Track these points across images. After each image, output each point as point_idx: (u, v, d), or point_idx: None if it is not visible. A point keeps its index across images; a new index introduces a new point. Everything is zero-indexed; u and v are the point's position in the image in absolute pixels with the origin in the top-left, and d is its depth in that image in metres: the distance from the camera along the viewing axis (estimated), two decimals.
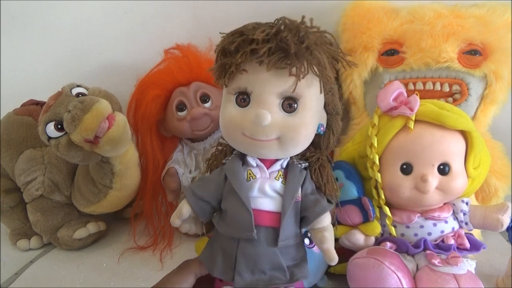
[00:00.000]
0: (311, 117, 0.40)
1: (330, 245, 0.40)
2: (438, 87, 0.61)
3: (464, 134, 0.48)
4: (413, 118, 0.47)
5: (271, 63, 0.36)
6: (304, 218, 0.42)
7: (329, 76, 0.39)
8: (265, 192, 0.40)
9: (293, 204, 0.40)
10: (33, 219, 0.68)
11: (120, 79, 0.76)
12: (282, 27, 0.36)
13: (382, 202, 0.50)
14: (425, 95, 0.61)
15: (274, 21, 0.37)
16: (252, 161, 0.42)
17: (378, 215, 0.51)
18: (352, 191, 0.52)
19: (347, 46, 0.67)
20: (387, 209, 0.50)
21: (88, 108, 0.52)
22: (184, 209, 0.42)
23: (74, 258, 0.66)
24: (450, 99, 0.61)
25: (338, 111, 0.45)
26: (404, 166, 0.48)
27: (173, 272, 0.43)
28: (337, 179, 0.54)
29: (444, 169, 0.47)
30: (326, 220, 0.42)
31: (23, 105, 0.74)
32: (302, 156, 0.44)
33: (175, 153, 0.72)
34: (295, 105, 0.38)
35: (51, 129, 0.56)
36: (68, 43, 0.85)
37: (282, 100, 0.38)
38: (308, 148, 0.43)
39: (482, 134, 0.52)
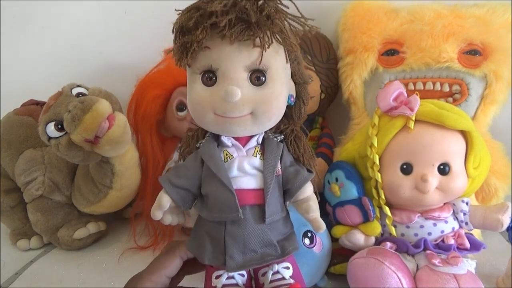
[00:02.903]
0: (280, 88, 0.39)
1: (316, 213, 0.40)
2: (438, 87, 0.61)
3: (464, 134, 0.48)
4: (413, 118, 0.47)
5: (233, 36, 0.35)
6: (287, 190, 0.41)
7: (293, 43, 0.38)
8: (245, 171, 0.39)
9: (274, 179, 0.39)
10: (33, 219, 0.68)
11: (120, 79, 0.76)
12: None
13: (382, 202, 0.50)
14: (425, 95, 0.61)
15: None
16: (227, 141, 0.40)
17: (378, 215, 0.51)
18: (352, 191, 0.52)
19: (347, 46, 0.67)
20: (387, 209, 0.50)
21: (88, 108, 0.52)
22: (164, 200, 0.40)
23: (74, 258, 0.66)
24: (450, 99, 0.61)
25: (306, 80, 0.44)
26: (404, 166, 0.48)
27: (157, 257, 0.42)
28: (337, 179, 0.54)
29: (444, 169, 0.47)
30: (309, 189, 0.41)
31: (23, 105, 0.74)
32: (277, 129, 0.43)
33: (175, 153, 0.72)
34: (263, 78, 0.37)
35: (51, 129, 0.56)
36: (68, 43, 0.85)
37: (250, 74, 0.37)
38: (281, 120, 0.42)
39: (482, 134, 0.52)
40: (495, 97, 0.61)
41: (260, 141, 0.41)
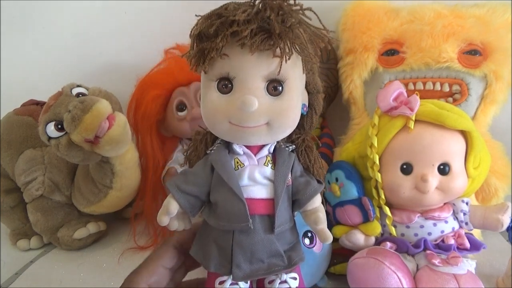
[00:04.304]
0: (297, 99, 0.38)
1: (324, 225, 0.40)
2: (438, 87, 0.61)
3: (464, 134, 0.48)
4: (413, 118, 0.47)
5: (254, 46, 0.34)
6: (296, 201, 0.41)
7: (312, 54, 0.37)
8: (256, 180, 0.39)
9: (285, 189, 0.39)
10: (33, 219, 0.68)
11: (120, 79, 0.76)
12: (263, 5, 0.34)
13: (382, 202, 0.50)
14: (425, 95, 0.61)
15: None
16: (238, 149, 0.39)
17: (378, 215, 0.51)
18: (352, 191, 0.52)
19: (347, 46, 0.67)
20: (387, 209, 0.50)
21: (88, 108, 0.52)
22: (172, 206, 0.39)
23: (74, 258, 0.66)
24: (450, 99, 0.61)
25: (319, 90, 0.43)
26: (404, 166, 0.48)
27: (152, 251, 0.43)
28: (337, 179, 0.54)
29: (444, 169, 0.47)
30: (317, 200, 0.41)
31: (23, 105, 0.74)
32: (288, 138, 0.42)
33: (175, 153, 0.72)
34: (280, 88, 0.37)
35: (51, 129, 0.56)
36: (68, 43, 0.85)
37: (267, 83, 0.37)
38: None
39: (482, 134, 0.52)
40: (495, 97, 0.61)
41: (271, 150, 0.41)
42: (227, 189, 0.38)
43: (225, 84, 0.37)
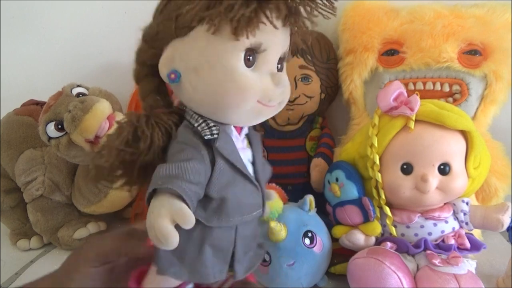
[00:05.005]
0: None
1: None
2: (438, 87, 0.61)
3: (464, 134, 0.48)
4: (414, 118, 0.47)
5: (289, 21, 0.32)
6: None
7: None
8: (247, 163, 0.37)
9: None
10: (33, 219, 0.68)
11: (120, 79, 0.76)
12: None
13: (382, 202, 0.50)
14: (425, 95, 0.61)
15: None
16: (234, 131, 0.36)
17: (378, 215, 0.51)
18: (353, 191, 0.52)
19: (347, 46, 0.67)
20: (387, 209, 0.50)
21: (89, 108, 0.52)
22: (188, 211, 0.30)
23: None
24: (450, 99, 0.61)
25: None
26: (405, 166, 0.48)
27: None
28: (337, 179, 0.54)
29: (444, 169, 0.47)
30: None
31: (23, 105, 0.74)
32: None
33: None
34: (280, 66, 0.36)
35: (51, 129, 0.57)
36: (68, 43, 0.85)
37: (277, 61, 0.36)
38: None
39: (482, 134, 0.53)
40: (495, 97, 0.61)
41: (247, 131, 0.38)
42: (240, 179, 0.35)
43: (251, 56, 0.33)
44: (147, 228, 0.29)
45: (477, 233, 0.57)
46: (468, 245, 0.48)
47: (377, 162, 0.49)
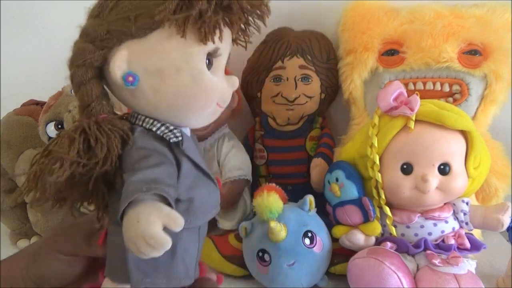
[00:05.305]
0: None
1: None
2: (438, 87, 0.61)
3: (464, 134, 0.48)
4: (414, 118, 0.47)
5: (238, 21, 0.33)
6: None
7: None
8: None
9: None
10: (33, 219, 0.68)
11: None
12: None
13: (382, 202, 0.50)
14: (425, 95, 0.61)
15: None
16: (189, 132, 0.37)
17: (378, 215, 0.51)
18: (352, 191, 0.52)
19: (347, 46, 0.67)
20: (387, 209, 0.50)
21: None
22: (177, 214, 0.28)
23: None
24: (450, 99, 0.61)
25: None
26: (405, 166, 0.48)
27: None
28: (337, 179, 0.54)
29: (444, 169, 0.48)
30: None
31: (23, 105, 0.74)
32: None
33: None
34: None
35: (51, 129, 0.57)
36: (68, 43, 0.84)
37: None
38: None
39: (482, 134, 0.53)
40: (495, 97, 0.61)
41: None
42: (205, 179, 0.35)
43: (209, 60, 0.34)
44: (130, 239, 0.27)
45: (477, 233, 0.57)
46: (468, 245, 0.48)
47: (377, 162, 0.49)
